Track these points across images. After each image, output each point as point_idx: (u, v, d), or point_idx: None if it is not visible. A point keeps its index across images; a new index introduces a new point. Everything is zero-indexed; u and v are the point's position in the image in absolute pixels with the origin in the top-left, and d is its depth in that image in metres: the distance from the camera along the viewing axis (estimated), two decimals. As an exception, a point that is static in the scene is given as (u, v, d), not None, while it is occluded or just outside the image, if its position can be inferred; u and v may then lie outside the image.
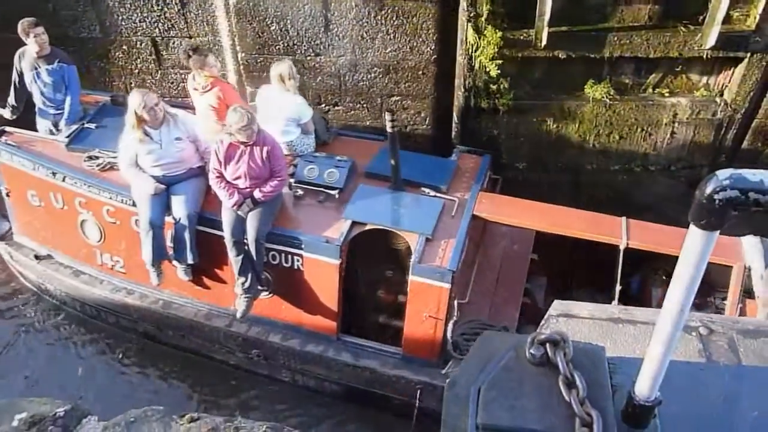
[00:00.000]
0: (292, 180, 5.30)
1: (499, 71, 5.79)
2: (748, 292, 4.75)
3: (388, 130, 4.81)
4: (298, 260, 5.03)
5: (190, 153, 5.12)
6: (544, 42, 5.67)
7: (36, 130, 6.00)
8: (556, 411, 1.68)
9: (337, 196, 5.21)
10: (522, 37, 5.75)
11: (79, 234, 5.69)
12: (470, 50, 5.74)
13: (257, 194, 4.88)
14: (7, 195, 5.99)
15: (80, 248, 5.84)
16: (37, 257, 6.08)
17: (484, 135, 6.33)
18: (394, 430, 5.20)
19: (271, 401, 5.74)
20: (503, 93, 6.01)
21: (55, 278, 6.06)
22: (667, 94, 6.22)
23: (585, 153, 6.47)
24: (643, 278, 5.47)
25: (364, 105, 6.71)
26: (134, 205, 5.18)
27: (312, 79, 6.55)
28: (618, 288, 4.75)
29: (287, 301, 5.33)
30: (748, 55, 5.76)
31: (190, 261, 5.18)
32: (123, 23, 6.74)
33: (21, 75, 5.84)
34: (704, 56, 5.82)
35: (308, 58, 6.38)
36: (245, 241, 4.96)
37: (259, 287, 5.18)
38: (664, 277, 5.30)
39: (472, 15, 5.56)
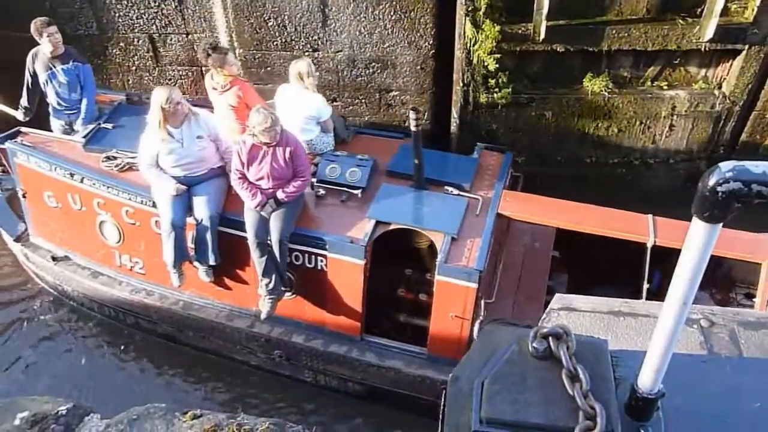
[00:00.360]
0: (313, 179, 5.24)
1: (497, 65, 5.78)
2: None
3: (412, 128, 4.72)
4: (321, 261, 4.97)
5: (211, 152, 5.03)
6: (542, 36, 5.66)
7: (50, 131, 5.92)
8: (559, 404, 1.68)
9: (359, 195, 5.15)
10: (520, 31, 5.74)
11: (98, 235, 5.62)
12: (468, 44, 5.73)
13: (280, 195, 4.82)
14: (23, 196, 5.88)
15: (98, 249, 5.77)
16: (54, 258, 6.00)
17: (482, 129, 6.33)
18: (419, 431, 5.17)
19: (293, 401, 5.69)
20: (502, 87, 6.01)
21: (72, 279, 5.98)
22: (665, 87, 6.21)
23: (584, 146, 6.47)
24: (663, 274, 5.42)
25: (363, 100, 6.70)
26: (154, 206, 5.11)
27: (310, 74, 6.54)
28: (646, 286, 4.69)
29: (310, 301, 5.28)
30: (746, 47, 5.77)
31: (212, 262, 5.12)
32: (120, 20, 6.72)
33: (34, 76, 5.74)
34: (702, 49, 5.82)
35: (306, 53, 6.37)
36: (269, 242, 4.91)
37: (283, 288, 5.13)
38: None
39: (470, 9, 5.55)
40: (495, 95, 6.04)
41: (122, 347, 6.20)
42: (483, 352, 1.89)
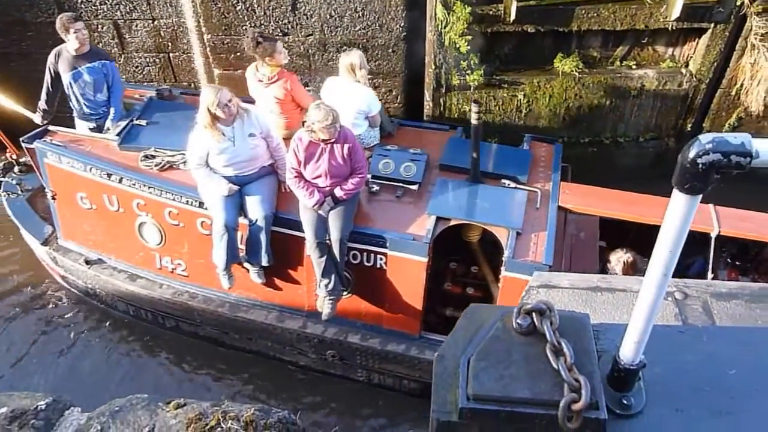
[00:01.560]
0: (368, 175, 5.04)
1: (468, 47, 5.79)
2: None
3: (473, 122, 4.59)
4: (381, 259, 4.84)
5: (262, 150, 4.84)
6: (513, 17, 5.68)
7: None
8: (544, 378, 1.70)
9: (416, 190, 5.02)
10: (491, 12, 5.76)
11: (137, 237, 5.42)
12: (440, 26, 5.73)
13: (338, 192, 4.66)
14: (53, 198, 5.61)
15: (137, 252, 5.57)
16: (87, 262, 5.76)
17: (455, 111, 6.35)
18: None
19: (343, 400, 5.61)
20: (473, 69, 6.02)
21: (108, 283, 5.76)
22: (634, 66, 6.31)
23: (555, 126, 6.54)
24: (706, 259, 5.41)
25: (335, 84, 6.65)
26: (200, 206, 4.96)
27: (281, 59, 6.45)
28: (710, 276, 4.60)
29: (367, 300, 5.16)
30: (712, 25, 5.88)
31: (264, 263, 4.96)
32: (83, 6, 6.54)
33: (56, 76, 5.46)
34: (669, 28, 5.91)
35: (276, 37, 6.28)
36: (328, 241, 4.77)
37: (341, 287, 5.01)
38: (729, 260, 5.18)
39: (440, -10, 5.53)
40: (467, 77, 6.06)
41: (160, 348, 6.04)
42: (468, 330, 1.91)
